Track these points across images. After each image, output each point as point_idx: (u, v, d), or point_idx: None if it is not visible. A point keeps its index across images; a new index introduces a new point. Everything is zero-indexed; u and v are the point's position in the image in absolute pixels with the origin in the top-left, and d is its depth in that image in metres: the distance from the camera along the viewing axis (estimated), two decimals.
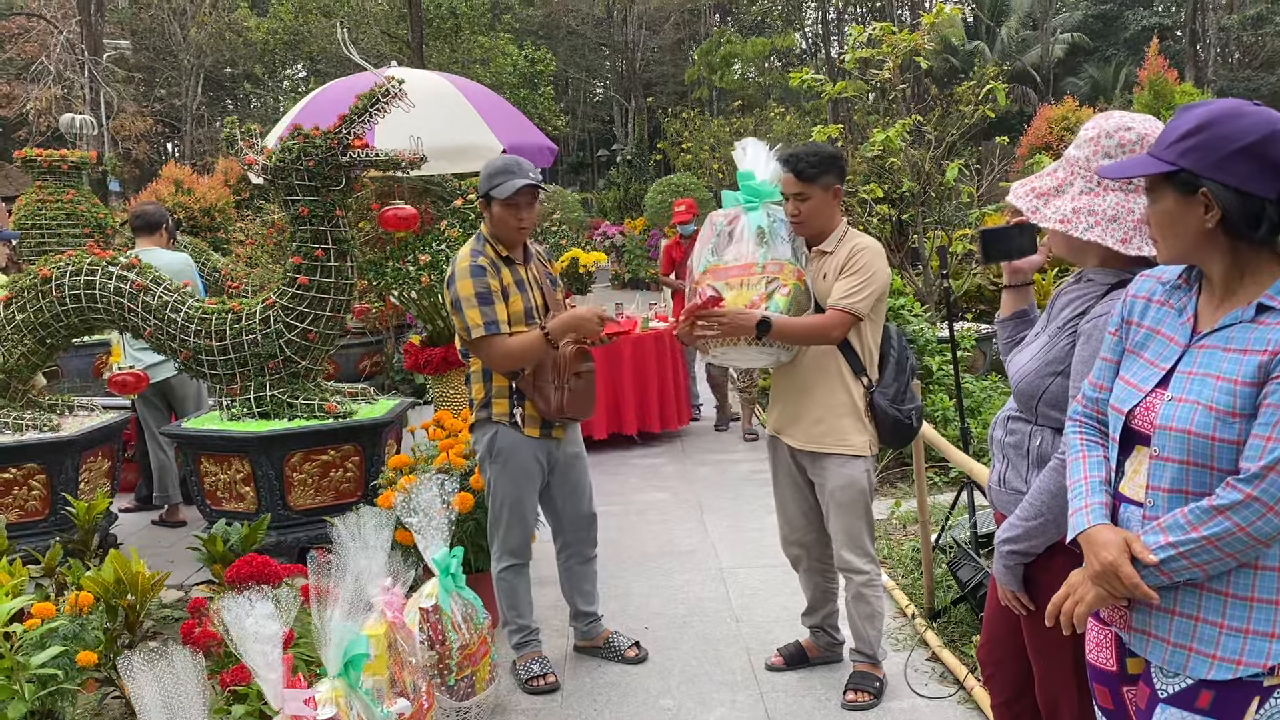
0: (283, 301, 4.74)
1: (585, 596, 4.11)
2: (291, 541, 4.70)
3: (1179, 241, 1.77)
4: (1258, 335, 1.69)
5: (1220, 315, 1.76)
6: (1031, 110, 19.67)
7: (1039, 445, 2.28)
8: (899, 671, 3.80)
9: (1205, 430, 1.70)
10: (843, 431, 3.49)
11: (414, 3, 21.66)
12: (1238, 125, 1.67)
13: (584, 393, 3.75)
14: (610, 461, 7.31)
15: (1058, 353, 2.23)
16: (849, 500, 3.52)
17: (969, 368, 7.35)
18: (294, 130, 4.67)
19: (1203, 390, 1.72)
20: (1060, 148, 11.37)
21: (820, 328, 3.38)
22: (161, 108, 29.79)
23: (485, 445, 3.77)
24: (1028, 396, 2.30)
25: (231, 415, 4.82)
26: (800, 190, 3.44)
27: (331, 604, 2.65)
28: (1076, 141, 2.21)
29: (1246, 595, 1.71)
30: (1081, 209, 2.14)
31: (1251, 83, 30.93)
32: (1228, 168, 1.66)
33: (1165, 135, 1.76)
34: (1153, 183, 1.78)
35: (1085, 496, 1.88)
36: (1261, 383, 1.66)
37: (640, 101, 33.05)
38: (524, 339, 3.61)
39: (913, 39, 7.84)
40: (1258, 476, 1.63)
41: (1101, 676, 1.98)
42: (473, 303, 3.55)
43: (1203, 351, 1.76)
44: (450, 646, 3.38)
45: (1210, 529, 1.67)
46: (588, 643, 4.13)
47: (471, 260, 3.62)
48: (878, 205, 8.19)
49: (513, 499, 3.77)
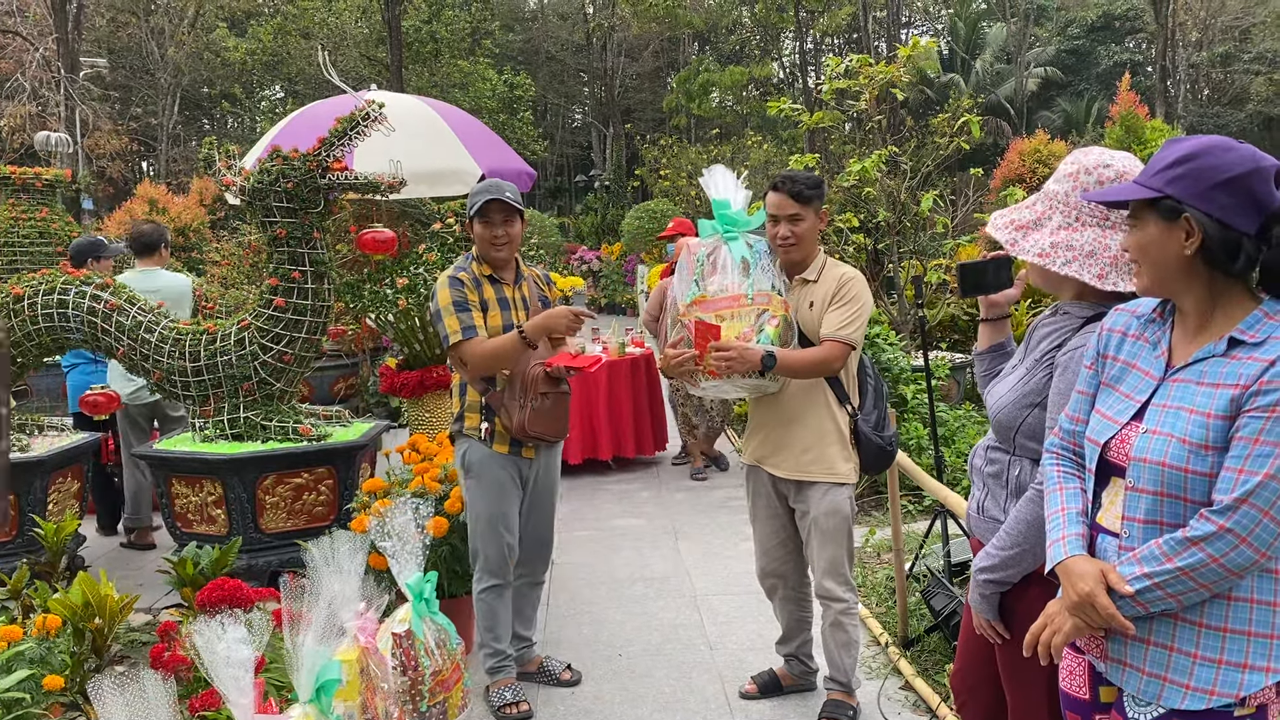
0: (258, 323, 4.72)
1: (525, 620, 4.12)
2: (263, 565, 4.65)
3: (1158, 269, 1.80)
4: (1230, 369, 1.72)
5: (1194, 349, 1.80)
6: (1005, 143, 19.92)
7: (1018, 475, 2.30)
8: (873, 700, 3.80)
9: (1179, 462, 1.72)
10: (830, 460, 3.51)
11: (394, 26, 21.72)
12: (1225, 158, 1.72)
13: (550, 413, 3.76)
14: (585, 487, 7.29)
15: (1035, 384, 2.25)
16: (833, 528, 3.53)
17: (943, 397, 7.40)
18: (273, 152, 4.67)
19: (1176, 423, 1.75)
20: (1032, 180, 11.52)
21: (821, 360, 3.40)
22: (137, 126, 29.66)
23: (460, 459, 3.84)
24: (1006, 428, 2.32)
25: (204, 437, 4.78)
26: (797, 212, 3.47)
27: (304, 629, 2.63)
28: (1056, 176, 2.25)
29: (1220, 626, 1.73)
30: (1060, 243, 2.18)
31: (1220, 119, 31.50)
32: (1211, 197, 1.71)
33: (1153, 164, 1.80)
34: (1137, 209, 1.82)
35: (1062, 528, 1.90)
36: (1233, 416, 1.69)
37: (619, 128, 33.20)
38: (499, 339, 3.66)
39: (889, 71, 7.94)
40: (1230, 508, 1.66)
41: (1074, 705, 2.00)
42: (450, 310, 3.63)
43: (1176, 385, 1.79)
44: (423, 672, 3.35)
45: (1184, 560, 1.69)
46: (519, 668, 4.11)
47: (452, 273, 3.73)
48: (854, 234, 8.25)
49: (489, 513, 3.78)
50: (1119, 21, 33.81)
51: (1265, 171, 1.71)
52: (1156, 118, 18.16)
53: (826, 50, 34.09)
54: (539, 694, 4.01)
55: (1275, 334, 1.71)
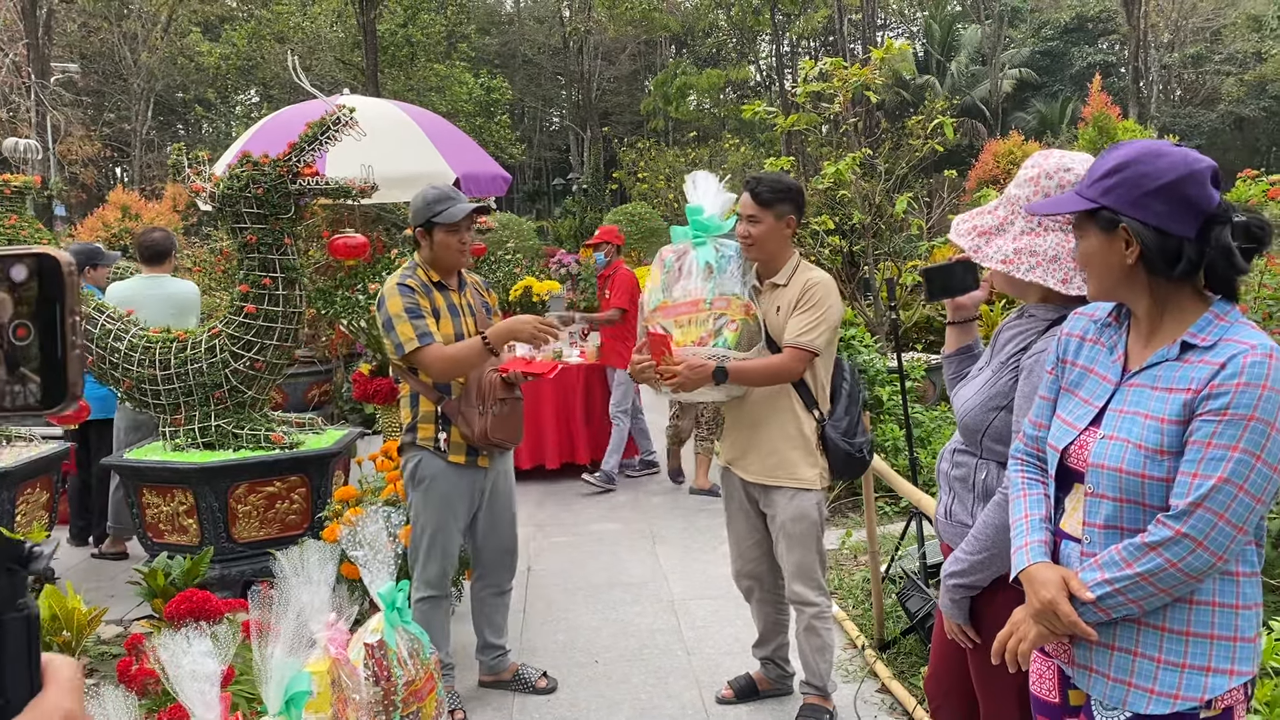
0: (229, 330, 4.68)
1: (496, 629, 4.09)
2: (236, 575, 4.61)
3: (1103, 278, 1.81)
4: (1182, 374, 1.73)
5: (1148, 353, 1.80)
6: (981, 144, 20.04)
7: (984, 479, 2.30)
8: (849, 703, 3.80)
9: (1136, 468, 1.73)
10: (793, 465, 3.50)
11: (369, 30, 21.63)
12: (1156, 165, 1.72)
13: (508, 418, 3.74)
14: (563, 491, 7.27)
15: (1001, 388, 2.25)
16: (800, 533, 3.52)
17: (919, 398, 7.42)
18: (243, 157, 4.63)
19: (1132, 428, 1.75)
20: (1006, 181, 11.55)
21: (777, 368, 3.39)
22: (110, 132, 29.39)
23: (410, 471, 3.75)
24: (972, 431, 2.32)
25: (175, 446, 4.74)
26: (754, 213, 3.46)
27: (273, 640, 2.60)
28: (1017, 180, 2.24)
29: (1182, 630, 1.74)
30: (1023, 249, 2.18)
31: (1193, 119, 31.81)
32: (1146, 205, 1.71)
33: (1089, 174, 1.81)
34: (1079, 220, 1.82)
35: (1025, 535, 1.91)
36: (1187, 420, 1.70)
37: (596, 131, 33.22)
38: (463, 343, 3.62)
39: (863, 73, 7.95)
40: (1186, 513, 1.66)
41: (1044, 708, 2.00)
42: (403, 318, 3.55)
43: (1133, 390, 1.80)
44: (395, 682, 3.32)
45: (1144, 565, 1.69)
46: (493, 676, 4.09)
47: (399, 280, 3.64)
48: (829, 237, 8.27)
49: (434, 527, 3.73)
50: (1092, 23, 34.09)
51: (1199, 175, 1.71)
52: (1129, 118, 18.29)
53: (803, 53, 34.22)
54: (515, 701, 3.99)
55: (1225, 336, 1.71)
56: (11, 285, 0.70)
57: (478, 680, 4.12)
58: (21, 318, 0.70)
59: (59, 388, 0.71)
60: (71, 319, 0.71)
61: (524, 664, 4.17)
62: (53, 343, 0.71)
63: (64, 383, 0.71)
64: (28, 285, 0.70)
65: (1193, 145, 8.54)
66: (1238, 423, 1.64)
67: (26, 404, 0.71)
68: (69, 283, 0.71)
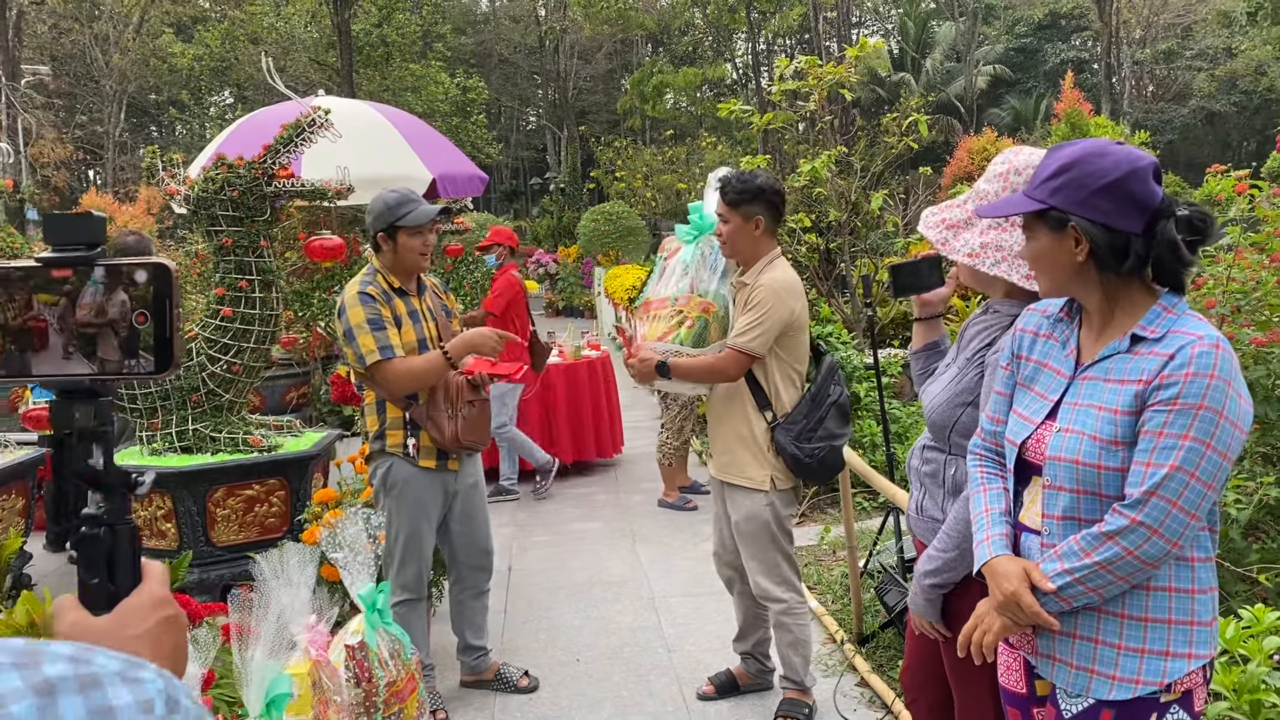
0: (205, 333, 4.66)
1: (476, 630, 4.09)
2: (215, 579, 4.60)
3: (1054, 276, 1.85)
4: (1134, 365, 1.76)
5: (1100, 346, 1.84)
6: (957, 140, 20.17)
7: (954, 474, 2.33)
8: (829, 697, 3.83)
9: (1091, 459, 1.76)
10: (744, 464, 3.53)
11: (343, 30, 21.52)
12: (1100, 164, 1.75)
13: (477, 421, 3.75)
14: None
15: (967, 383, 2.28)
16: (751, 532, 3.55)
17: (896, 393, 7.47)
18: (217, 160, 4.61)
19: (1086, 420, 1.79)
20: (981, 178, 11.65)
21: (711, 367, 3.45)
22: (83, 134, 29.10)
23: (380, 478, 3.74)
24: (940, 427, 2.35)
25: (152, 450, 4.71)
26: (723, 213, 3.50)
27: (253, 643, 2.60)
28: (986, 175, 2.28)
29: (1141, 616, 1.78)
30: (989, 244, 2.21)
31: (1165, 114, 32.11)
32: (1093, 204, 1.75)
33: (1037, 175, 1.84)
34: (1028, 220, 1.86)
35: (987, 529, 1.94)
36: (1139, 411, 1.74)
37: (573, 130, 33.16)
38: (424, 358, 3.61)
39: (837, 71, 8.00)
40: (1140, 502, 1.70)
41: (1013, 699, 2.03)
42: (365, 329, 3.53)
43: (1086, 383, 1.83)
44: (377, 684, 3.33)
45: (1101, 554, 1.73)
46: (475, 677, 4.10)
47: (360, 289, 3.62)
48: (806, 234, 8.31)
49: (408, 533, 3.73)
50: (1065, 20, 34.35)
51: (1142, 172, 1.74)
52: (1102, 114, 18.46)
53: (779, 51, 34.29)
54: (496, 701, 4.00)
55: (1174, 328, 1.75)
56: (134, 285, 0.98)
57: (459, 681, 4.13)
58: (141, 308, 0.98)
59: (167, 358, 0.99)
60: (176, 310, 0.99)
61: (505, 663, 4.18)
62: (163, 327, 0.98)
63: (170, 354, 0.99)
64: (146, 285, 0.97)
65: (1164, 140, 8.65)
66: (1188, 412, 1.68)
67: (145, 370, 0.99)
68: (175, 284, 0.98)
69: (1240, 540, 3.15)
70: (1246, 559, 3.14)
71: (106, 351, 0.99)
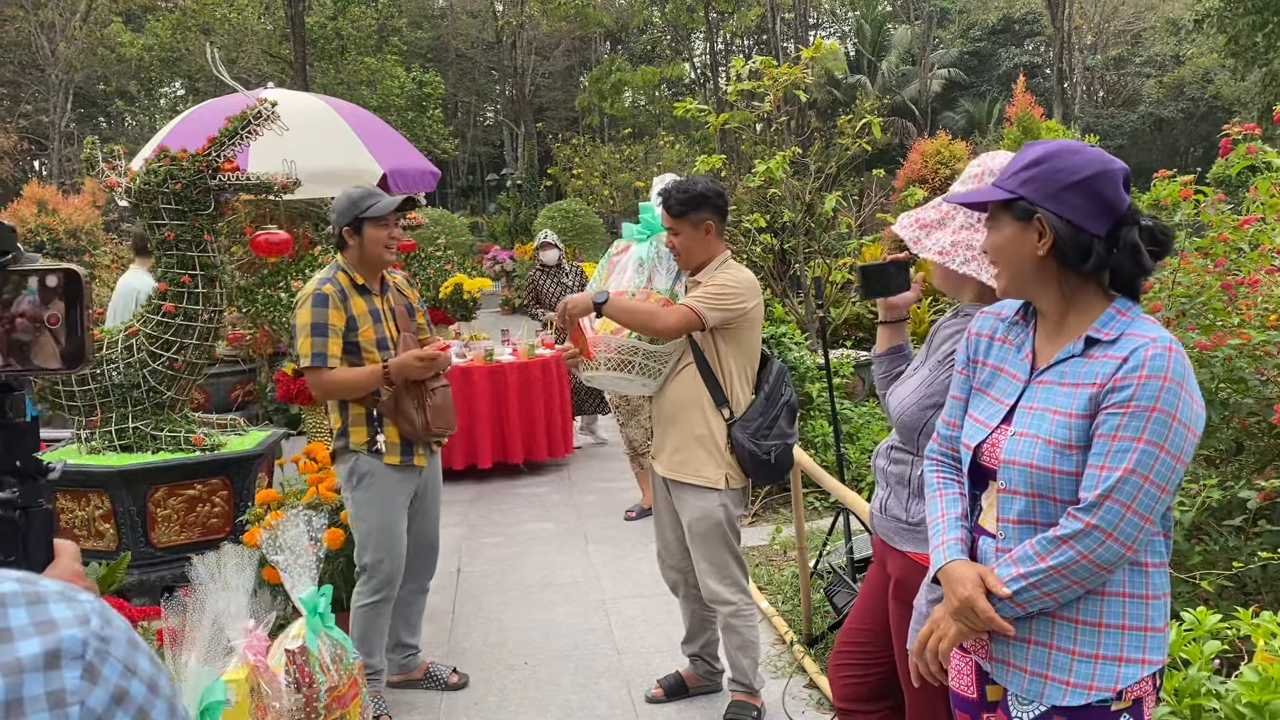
0: (146, 329, 4.55)
1: (411, 628, 4.05)
2: (155, 580, 4.50)
3: (1013, 269, 1.84)
4: (1088, 369, 1.76)
5: (1055, 350, 1.84)
6: (911, 143, 20.35)
7: (920, 476, 2.32)
8: (778, 699, 3.82)
9: (1045, 463, 1.76)
10: (698, 463, 3.50)
11: (297, 22, 21.24)
12: (1073, 161, 1.76)
13: (444, 407, 3.74)
14: (496, 491, 7.21)
15: (938, 386, 2.29)
16: (704, 531, 3.53)
17: (847, 394, 7.50)
18: (160, 152, 4.51)
19: (1041, 425, 1.78)
20: (935, 180, 11.76)
21: (650, 312, 3.40)
22: (28, 124, 28.47)
23: (346, 473, 3.69)
24: (909, 430, 2.35)
25: (90, 448, 4.60)
26: (671, 225, 3.49)
27: (187, 648, 2.53)
28: (962, 178, 2.29)
29: (1095, 621, 1.77)
30: (960, 243, 2.22)
31: (1115, 119, 32.61)
32: (1062, 199, 1.75)
33: (1008, 167, 1.85)
34: (994, 211, 1.86)
35: (943, 533, 1.93)
36: (1093, 414, 1.73)
37: (531, 127, 32.99)
38: (358, 373, 3.60)
39: (793, 73, 8.01)
40: (1095, 505, 1.70)
41: (963, 704, 2.02)
42: (306, 332, 3.54)
43: (1041, 387, 1.83)
44: (318, 689, 3.26)
45: (1056, 559, 1.72)
46: (404, 676, 4.04)
47: (317, 288, 3.59)
48: (760, 235, 8.32)
49: (381, 525, 3.67)
50: (1018, 25, 34.77)
51: (1113, 174, 1.75)
52: (1054, 118, 18.72)
53: (737, 51, 34.41)
54: (442, 704, 3.94)
55: (1128, 330, 1.75)
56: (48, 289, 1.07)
57: (385, 680, 4.01)
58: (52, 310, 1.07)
59: (79, 355, 1.09)
60: (86, 311, 1.08)
61: (434, 662, 4.12)
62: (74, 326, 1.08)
63: (82, 352, 1.09)
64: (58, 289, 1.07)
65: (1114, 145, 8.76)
66: (1141, 414, 1.68)
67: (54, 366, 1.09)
68: (86, 288, 1.08)
69: (1183, 542, 3.18)
70: (1189, 561, 3.17)
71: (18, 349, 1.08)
